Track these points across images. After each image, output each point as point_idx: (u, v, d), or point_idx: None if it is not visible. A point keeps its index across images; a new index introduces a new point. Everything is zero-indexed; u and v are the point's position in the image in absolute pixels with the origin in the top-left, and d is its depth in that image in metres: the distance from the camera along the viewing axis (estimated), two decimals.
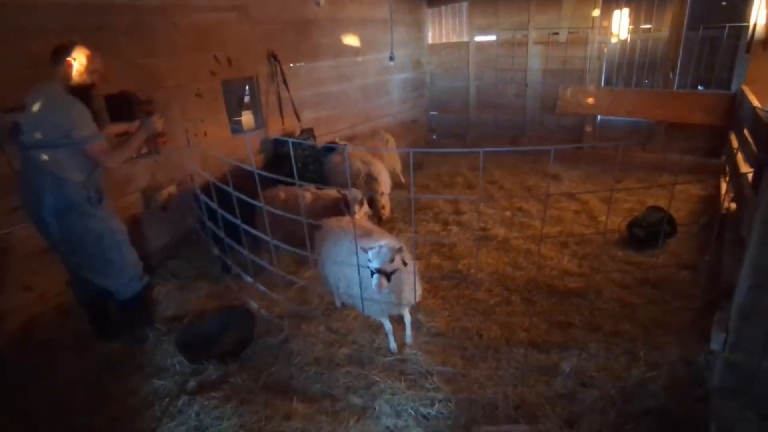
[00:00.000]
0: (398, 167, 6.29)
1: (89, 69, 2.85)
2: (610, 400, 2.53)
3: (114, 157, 2.90)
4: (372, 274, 2.53)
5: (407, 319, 3.16)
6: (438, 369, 2.85)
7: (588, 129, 7.25)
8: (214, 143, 4.52)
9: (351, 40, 6.36)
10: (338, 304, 3.57)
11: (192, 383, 2.87)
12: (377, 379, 2.78)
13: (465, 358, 2.99)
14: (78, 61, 2.79)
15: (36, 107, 2.68)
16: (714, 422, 2.13)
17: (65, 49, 2.77)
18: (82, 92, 2.86)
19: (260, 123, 5.32)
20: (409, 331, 3.18)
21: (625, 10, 7.69)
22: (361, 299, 2.71)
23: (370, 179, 4.49)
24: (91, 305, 3.27)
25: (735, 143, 4.71)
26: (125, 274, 3.14)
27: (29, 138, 2.71)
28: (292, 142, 2.42)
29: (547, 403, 2.55)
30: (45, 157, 2.73)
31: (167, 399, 2.76)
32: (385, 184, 4.87)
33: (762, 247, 1.95)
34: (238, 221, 3.14)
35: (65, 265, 3.16)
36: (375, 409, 2.58)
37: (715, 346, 2.30)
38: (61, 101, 2.71)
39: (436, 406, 2.56)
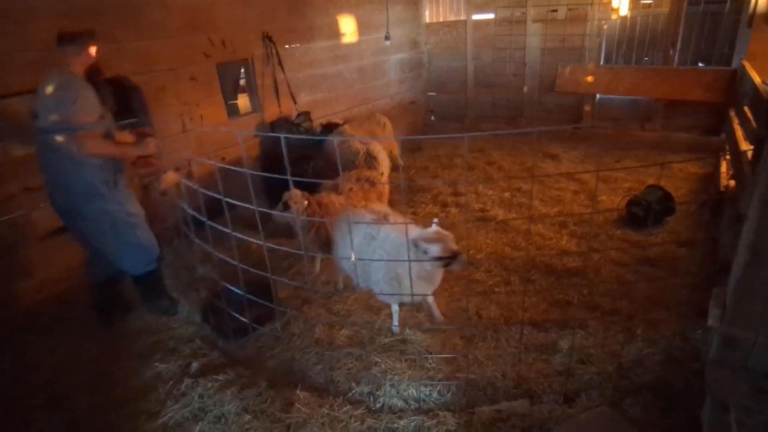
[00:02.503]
0: (395, 150, 6.25)
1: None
2: (607, 376, 2.57)
3: (100, 146, 2.85)
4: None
5: (431, 299, 3.20)
6: (437, 351, 2.88)
7: (587, 108, 7.18)
8: (210, 127, 4.48)
9: (346, 20, 6.26)
10: (340, 286, 3.60)
11: (195, 366, 2.90)
12: (377, 359, 2.81)
13: (464, 338, 3.02)
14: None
15: (51, 90, 2.70)
16: (710, 395, 2.17)
17: (88, 36, 2.81)
18: (90, 79, 2.89)
19: (256, 106, 5.27)
20: (436, 312, 3.22)
21: None
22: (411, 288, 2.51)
23: (370, 158, 4.47)
24: (103, 286, 3.35)
25: (735, 120, 4.67)
26: (140, 255, 3.19)
27: (45, 122, 2.73)
28: (283, 123, 2.41)
29: (545, 381, 2.59)
30: (62, 140, 2.75)
31: (171, 382, 2.80)
32: (384, 163, 4.86)
33: (759, 224, 1.95)
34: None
35: (83, 246, 3.22)
36: (376, 394, 2.61)
37: (712, 321, 2.32)
38: (68, 86, 2.72)
39: (438, 386, 2.60)
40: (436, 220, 2.78)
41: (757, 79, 3.92)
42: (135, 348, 3.17)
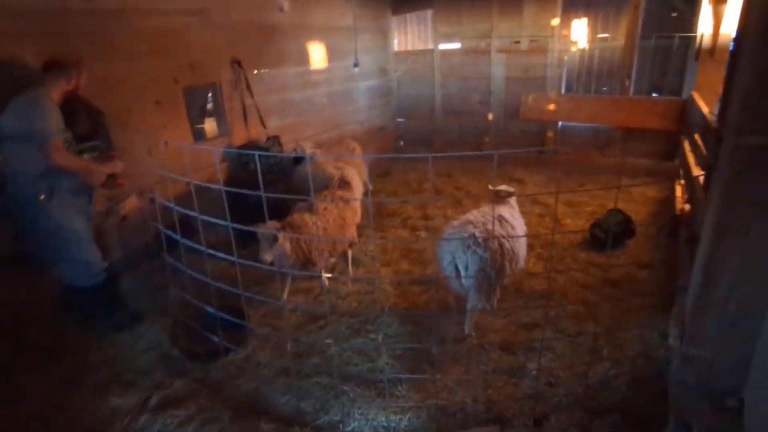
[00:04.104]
0: (364, 176, 6.27)
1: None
2: (575, 398, 2.59)
3: (65, 157, 2.95)
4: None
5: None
6: (407, 376, 2.84)
7: (550, 134, 7.45)
8: (174, 152, 4.39)
9: (316, 46, 6.34)
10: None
11: (154, 400, 2.76)
12: (346, 388, 2.75)
13: (434, 364, 2.99)
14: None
15: (14, 103, 2.85)
16: (673, 415, 2.20)
17: (75, 69, 3.07)
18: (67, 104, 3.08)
19: (224, 130, 5.21)
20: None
21: (584, 20, 8.00)
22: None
23: (344, 183, 4.48)
24: (64, 292, 3.38)
25: (687, 147, 4.93)
26: (78, 269, 3.22)
27: (8, 129, 2.86)
28: (257, 155, 2.39)
29: (515, 404, 2.58)
30: (11, 149, 2.90)
31: (128, 418, 2.64)
32: (357, 189, 4.87)
33: (713, 245, 2.03)
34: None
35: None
36: (346, 423, 2.54)
37: (672, 341, 2.39)
38: (34, 99, 2.86)
39: (407, 414, 2.55)
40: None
41: (705, 109, 4.16)
42: (91, 381, 2.99)
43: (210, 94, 5.23)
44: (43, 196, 2.96)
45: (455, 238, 2.96)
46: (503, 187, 3.59)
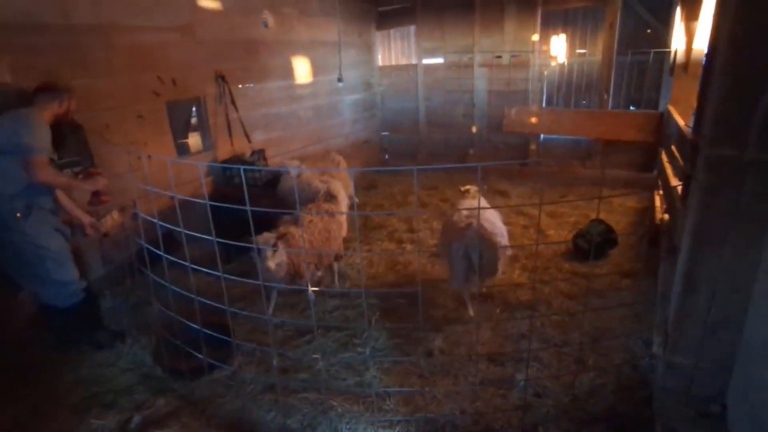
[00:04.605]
0: (350, 189, 6.28)
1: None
2: (563, 408, 2.60)
3: (49, 173, 2.92)
4: None
5: None
6: (395, 389, 2.82)
7: (532, 147, 7.58)
8: (157, 167, 4.34)
9: (301, 61, 6.38)
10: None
11: (137, 419, 2.68)
12: (334, 403, 2.71)
13: (422, 377, 2.98)
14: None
15: (7, 117, 2.85)
16: (658, 422, 2.23)
17: (67, 93, 3.12)
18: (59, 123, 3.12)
19: (208, 145, 5.19)
20: None
21: (562, 36, 8.22)
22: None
23: (330, 197, 4.48)
24: (40, 312, 3.31)
25: (665, 158, 5.06)
26: (55, 289, 3.13)
27: None
28: (242, 169, 2.38)
29: (503, 416, 2.58)
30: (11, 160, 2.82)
31: None
32: (343, 203, 4.87)
33: (692, 254, 2.09)
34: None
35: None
36: None
37: (656, 349, 2.42)
38: (25, 115, 2.87)
39: (396, 428, 2.53)
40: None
41: (681, 122, 4.29)
42: (68, 402, 2.89)
43: (194, 109, 5.21)
44: (19, 214, 2.90)
45: (468, 235, 3.32)
46: (470, 187, 4.25)
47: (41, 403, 2.89)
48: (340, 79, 6.34)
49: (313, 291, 3.87)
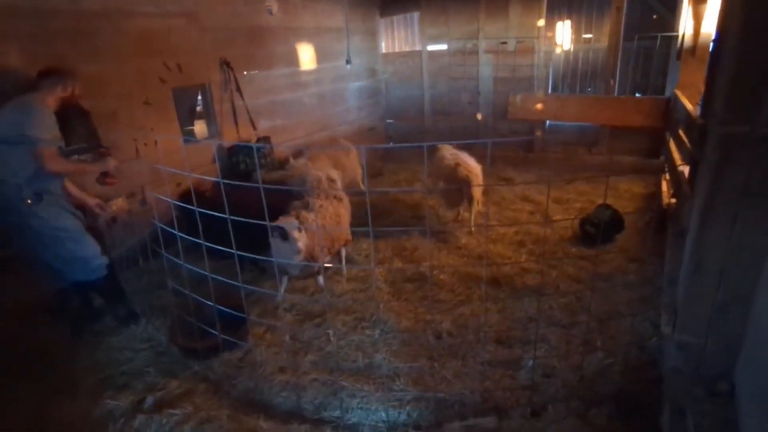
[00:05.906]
0: (359, 176, 6.29)
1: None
2: (571, 389, 2.62)
3: (59, 163, 2.95)
4: None
5: None
6: (405, 369, 2.86)
7: (538, 133, 7.55)
8: (166, 152, 4.36)
9: (305, 48, 6.35)
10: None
11: (150, 400, 2.73)
12: (345, 384, 2.75)
13: (431, 358, 3.01)
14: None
15: (7, 108, 2.85)
16: (667, 402, 2.25)
17: (72, 77, 3.09)
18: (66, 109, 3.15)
19: (214, 132, 5.20)
20: None
21: (567, 22, 8.14)
22: None
23: (332, 181, 4.49)
24: (65, 293, 3.36)
25: (671, 143, 5.04)
26: (78, 266, 3.19)
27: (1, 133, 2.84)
28: (242, 148, 2.40)
29: (512, 395, 2.61)
30: (20, 151, 2.83)
31: (122, 420, 2.61)
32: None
33: (700, 236, 2.09)
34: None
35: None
36: (345, 418, 2.55)
37: (664, 329, 2.44)
38: (29, 104, 2.86)
39: (407, 407, 2.56)
40: None
41: (689, 106, 4.26)
42: (82, 386, 2.94)
43: (199, 96, 5.21)
44: (29, 201, 2.93)
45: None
46: (440, 146, 5.38)
47: (61, 386, 2.94)
48: (348, 61, 6.33)
49: (326, 267, 3.89)
